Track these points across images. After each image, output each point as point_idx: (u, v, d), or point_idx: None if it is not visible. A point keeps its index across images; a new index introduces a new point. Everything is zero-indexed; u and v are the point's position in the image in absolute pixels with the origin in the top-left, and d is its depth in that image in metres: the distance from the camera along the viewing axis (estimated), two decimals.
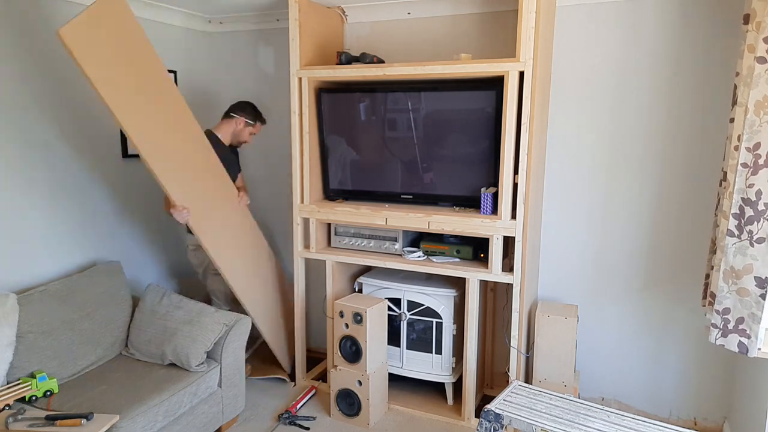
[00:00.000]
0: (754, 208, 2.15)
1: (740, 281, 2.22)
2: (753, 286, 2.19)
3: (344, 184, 3.19)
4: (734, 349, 2.27)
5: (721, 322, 2.30)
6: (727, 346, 2.30)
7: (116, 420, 2.19)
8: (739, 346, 2.26)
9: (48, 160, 2.81)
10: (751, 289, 2.20)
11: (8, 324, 2.38)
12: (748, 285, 2.20)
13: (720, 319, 2.30)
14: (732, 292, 2.25)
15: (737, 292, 2.24)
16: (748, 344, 2.23)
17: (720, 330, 2.31)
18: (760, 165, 2.12)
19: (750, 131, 2.12)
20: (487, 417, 2.22)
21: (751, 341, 2.22)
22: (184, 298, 2.93)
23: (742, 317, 2.24)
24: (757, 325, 2.21)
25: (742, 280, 2.22)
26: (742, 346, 2.25)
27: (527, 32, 2.49)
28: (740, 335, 2.26)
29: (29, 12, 2.67)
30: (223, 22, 3.70)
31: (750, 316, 2.21)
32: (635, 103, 2.83)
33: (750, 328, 2.22)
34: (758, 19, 2.07)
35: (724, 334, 2.31)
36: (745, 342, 2.25)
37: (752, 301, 2.20)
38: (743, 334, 2.25)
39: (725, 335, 2.30)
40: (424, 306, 3.03)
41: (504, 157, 2.63)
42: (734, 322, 2.26)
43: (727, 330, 2.29)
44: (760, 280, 2.17)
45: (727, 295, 2.26)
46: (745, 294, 2.22)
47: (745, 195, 2.17)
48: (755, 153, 2.13)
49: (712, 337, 2.33)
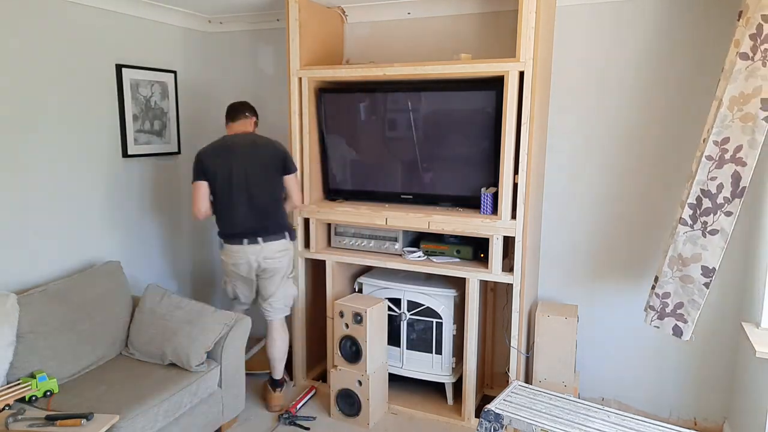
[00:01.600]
0: (713, 201, 2.18)
1: (686, 269, 2.28)
2: (698, 274, 2.25)
3: (344, 184, 3.19)
4: (668, 332, 2.35)
5: (660, 305, 2.38)
6: (661, 329, 2.38)
7: (116, 420, 2.19)
8: (674, 329, 2.34)
9: (48, 160, 2.81)
10: (696, 277, 2.25)
11: (8, 324, 2.37)
12: (693, 273, 2.26)
13: (659, 302, 2.38)
14: (675, 278, 2.32)
15: (681, 279, 2.30)
16: (684, 328, 2.32)
17: (657, 312, 2.40)
18: (726, 159, 2.14)
19: (721, 125, 2.14)
20: (487, 417, 2.23)
21: (687, 326, 2.31)
22: (184, 298, 2.93)
23: (682, 302, 2.31)
24: (696, 312, 2.28)
25: (688, 267, 2.27)
26: (677, 329, 2.33)
27: (527, 32, 2.49)
28: (677, 319, 2.34)
29: (29, 12, 2.66)
30: (222, 22, 3.70)
31: (690, 302, 2.29)
32: (635, 103, 2.83)
33: (688, 314, 2.30)
34: (748, 14, 2.07)
35: (660, 316, 2.39)
36: (681, 326, 2.33)
37: (695, 288, 2.27)
38: (680, 318, 2.33)
39: (661, 318, 2.39)
40: (424, 306, 3.03)
41: (504, 157, 2.63)
42: (672, 306, 2.34)
43: (664, 313, 2.36)
44: (706, 270, 2.23)
45: (670, 280, 2.33)
46: (688, 281, 2.28)
47: (705, 187, 2.21)
48: (722, 147, 2.15)
49: (648, 318, 2.41)
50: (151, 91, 3.37)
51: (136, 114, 3.27)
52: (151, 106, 3.38)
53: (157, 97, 3.41)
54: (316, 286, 3.41)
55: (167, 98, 3.49)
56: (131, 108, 3.24)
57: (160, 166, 3.50)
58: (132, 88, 3.23)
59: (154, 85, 3.39)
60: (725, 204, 2.16)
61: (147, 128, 3.36)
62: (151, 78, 3.36)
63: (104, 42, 3.05)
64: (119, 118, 3.18)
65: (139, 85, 3.27)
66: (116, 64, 3.13)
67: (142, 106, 3.31)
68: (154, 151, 3.43)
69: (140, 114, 3.30)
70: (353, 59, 3.39)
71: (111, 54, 3.10)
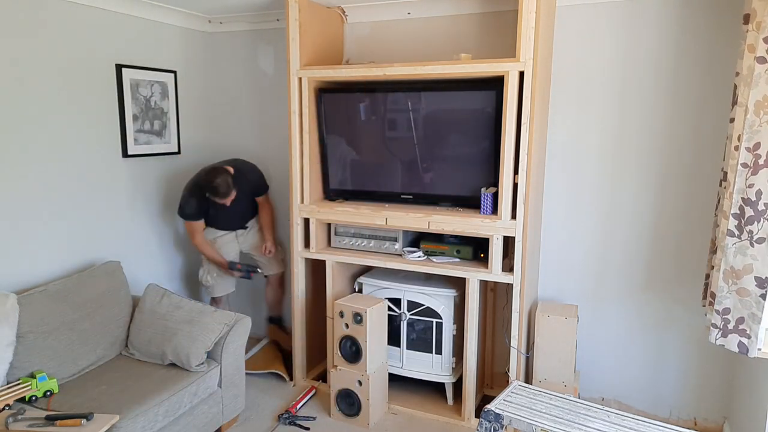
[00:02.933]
0: (754, 208, 2.15)
1: (740, 281, 2.22)
2: (753, 286, 2.19)
3: (344, 184, 3.19)
4: (734, 349, 2.27)
5: (721, 322, 2.29)
6: (727, 346, 2.29)
7: (116, 420, 2.19)
8: (740, 346, 2.26)
9: (48, 160, 2.81)
10: (751, 289, 2.19)
11: (8, 324, 2.38)
12: (748, 285, 2.20)
13: (720, 319, 2.29)
14: (732, 292, 2.25)
15: (737, 292, 2.24)
16: (748, 344, 2.23)
17: (720, 330, 2.30)
18: (760, 165, 2.12)
19: (750, 131, 2.12)
20: (487, 417, 2.22)
21: (751, 341, 2.22)
22: (184, 298, 2.93)
23: (742, 317, 2.24)
24: (757, 325, 2.20)
25: (742, 280, 2.21)
26: (742, 346, 2.25)
27: (527, 32, 2.49)
28: (740, 335, 2.25)
29: (29, 12, 2.66)
30: (222, 22, 3.70)
31: (750, 316, 2.21)
32: (635, 103, 2.83)
33: (750, 328, 2.22)
34: (758, 19, 2.07)
35: (724, 334, 2.30)
36: (745, 342, 2.24)
37: (752, 301, 2.20)
38: (743, 334, 2.24)
39: (725, 335, 2.30)
40: (424, 306, 3.03)
41: (504, 157, 2.63)
42: (734, 322, 2.26)
43: (727, 330, 2.28)
44: (760, 280, 2.17)
45: (727, 295, 2.26)
46: (745, 294, 2.22)
47: (745, 195, 2.17)
48: (755, 153, 2.12)
49: (712, 337, 2.32)
50: (151, 91, 3.37)
51: (136, 114, 3.27)
52: (151, 106, 3.38)
53: (157, 97, 3.41)
54: (316, 286, 3.41)
55: (167, 98, 3.49)
56: (131, 108, 3.24)
57: (160, 166, 3.50)
58: (132, 88, 3.23)
59: (154, 85, 3.39)
60: (767, 210, 2.14)
61: (147, 128, 3.36)
62: (151, 78, 3.36)
63: (104, 42, 3.05)
64: (119, 118, 3.18)
65: (139, 85, 3.28)
66: (116, 64, 3.13)
67: (142, 106, 3.31)
68: (154, 151, 3.43)
69: (140, 114, 3.30)
70: (353, 59, 3.39)
71: (111, 54, 3.10)
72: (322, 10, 3.17)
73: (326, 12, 3.21)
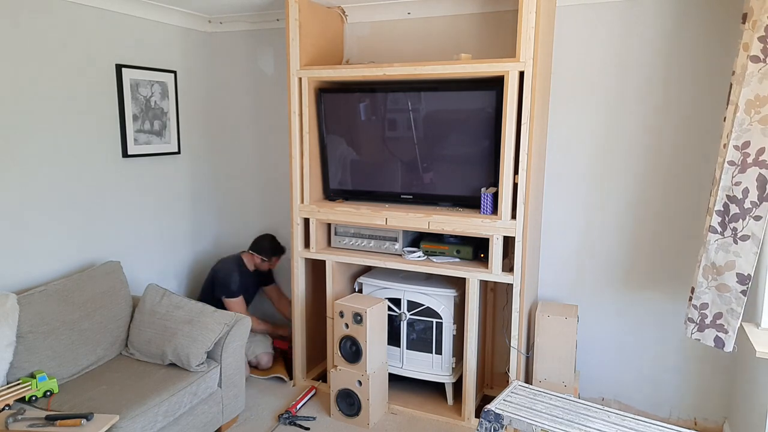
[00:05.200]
0: (740, 206, 2.16)
1: (721, 277, 2.24)
2: (734, 282, 2.21)
3: (344, 184, 3.19)
4: (710, 343, 2.30)
5: (698, 317, 2.33)
6: (703, 341, 2.33)
7: (116, 420, 2.19)
8: (716, 341, 2.28)
9: (48, 160, 2.81)
10: (732, 285, 2.21)
11: (8, 324, 2.37)
12: (729, 281, 2.22)
13: (697, 313, 2.32)
14: (711, 288, 2.27)
15: (717, 288, 2.26)
16: (725, 339, 2.25)
17: (696, 324, 2.34)
18: (749, 164, 2.13)
19: (739, 129, 2.13)
20: (487, 417, 2.22)
21: (729, 336, 2.24)
22: (184, 298, 2.93)
23: (721, 312, 2.26)
24: (736, 321, 2.23)
25: (723, 276, 2.23)
26: (719, 340, 2.27)
27: (527, 32, 2.49)
28: (717, 330, 2.28)
29: (29, 12, 2.66)
30: (222, 22, 3.70)
31: (729, 311, 2.24)
32: (635, 103, 2.83)
33: (728, 323, 2.24)
34: (755, 17, 2.08)
35: (700, 328, 2.33)
36: (722, 337, 2.27)
37: (732, 297, 2.22)
38: (720, 329, 2.27)
39: (702, 330, 2.33)
40: (424, 306, 3.03)
41: (504, 157, 2.63)
42: (711, 317, 2.29)
43: (704, 325, 2.31)
44: (742, 277, 2.19)
45: (706, 290, 2.28)
46: (725, 290, 2.24)
47: (730, 192, 2.18)
48: (743, 151, 2.13)
49: (688, 331, 2.35)
50: (151, 91, 3.37)
51: (136, 114, 3.27)
52: (151, 106, 3.38)
53: (157, 97, 3.41)
54: (316, 286, 3.42)
55: (167, 98, 3.49)
56: (131, 108, 3.24)
57: (160, 166, 3.50)
58: (132, 88, 3.23)
59: (154, 85, 3.39)
60: (753, 208, 2.14)
61: (147, 128, 3.36)
62: (151, 78, 3.36)
63: (104, 42, 3.05)
64: (119, 118, 3.18)
65: (139, 85, 3.28)
66: (116, 64, 3.13)
67: (142, 106, 3.31)
68: (154, 151, 3.43)
69: (140, 114, 3.30)
70: (353, 59, 3.39)
71: (111, 54, 3.10)
72: (322, 10, 3.17)
73: (326, 12, 3.21)
